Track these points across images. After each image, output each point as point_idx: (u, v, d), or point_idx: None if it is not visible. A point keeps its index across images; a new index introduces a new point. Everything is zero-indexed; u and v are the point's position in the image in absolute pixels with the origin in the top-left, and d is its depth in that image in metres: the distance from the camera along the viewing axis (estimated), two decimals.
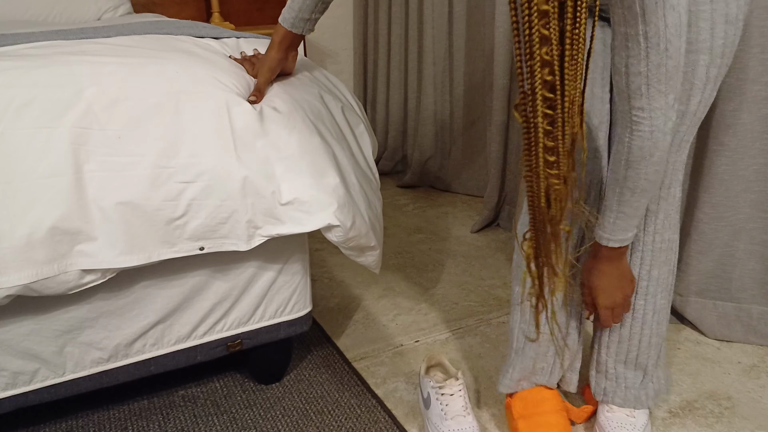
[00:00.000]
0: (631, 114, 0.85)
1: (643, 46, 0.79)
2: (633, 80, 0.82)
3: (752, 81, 1.31)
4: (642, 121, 0.84)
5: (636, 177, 0.90)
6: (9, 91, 0.92)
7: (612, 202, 0.94)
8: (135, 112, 0.98)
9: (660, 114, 0.84)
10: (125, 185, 0.96)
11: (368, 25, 2.77)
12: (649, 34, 0.78)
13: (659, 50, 0.79)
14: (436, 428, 1.13)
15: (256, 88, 1.10)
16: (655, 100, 0.82)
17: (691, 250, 1.46)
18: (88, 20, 1.97)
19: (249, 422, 1.21)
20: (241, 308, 1.19)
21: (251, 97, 1.08)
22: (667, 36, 0.78)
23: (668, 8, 0.76)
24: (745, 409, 1.23)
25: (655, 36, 0.78)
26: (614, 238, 0.97)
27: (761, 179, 1.38)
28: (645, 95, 0.82)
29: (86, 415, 1.25)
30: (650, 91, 0.82)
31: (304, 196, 1.06)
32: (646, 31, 0.78)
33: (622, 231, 0.96)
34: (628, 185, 0.91)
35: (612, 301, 1.03)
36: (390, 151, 2.75)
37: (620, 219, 0.95)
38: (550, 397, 1.16)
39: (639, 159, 0.88)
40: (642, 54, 0.80)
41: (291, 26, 1.13)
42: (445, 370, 1.27)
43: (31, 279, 0.92)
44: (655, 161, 0.88)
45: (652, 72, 0.80)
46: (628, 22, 0.79)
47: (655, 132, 0.85)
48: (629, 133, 0.87)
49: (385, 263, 1.91)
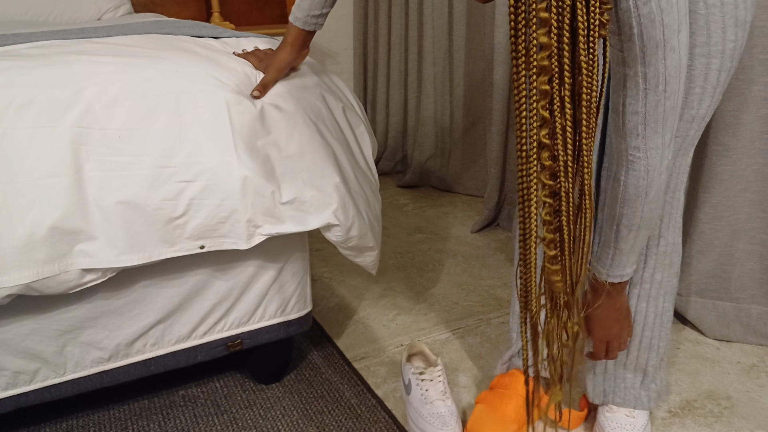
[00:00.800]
0: (627, 153, 0.84)
1: (642, 87, 0.78)
2: (630, 119, 0.81)
3: (752, 81, 1.31)
4: (637, 161, 0.83)
5: (632, 215, 0.88)
6: (9, 90, 0.92)
7: (609, 238, 0.92)
8: (135, 111, 0.98)
9: (656, 153, 0.83)
10: (125, 185, 0.97)
11: (368, 25, 2.77)
12: (648, 76, 0.77)
13: (658, 91, 0.78)
14: (417, 412, 1.16)
15: (262, 84, 1.10)
16: (651, 140, 0.81)
17: (690, 250, 1.46)
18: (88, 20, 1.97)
19: (249, 422, 1.21)
20: (241, 308, 1.19)
21: (254, 91, 1.08)
22: (666, 77, 0.77)
23: (668, 50, 0.75)
24: (744, 408, 1.23)
25: (654, 78, 0.77)
26: (613, 274, 0.95)
27: (761, 179, 1.38)
28: (642, 135, 0.81)
29: (87, 414, 1.25)
30: (647, 131, 0.81)
31: (304, 196, 1.06)
32: (645, 72, 0.77)
33: (621, 267, 0.94)
34: (624, 223, 0.89)
35: (607, 334, 1.01)
36: (390, 151, 2.76)
37: (618, 255, 0.93)
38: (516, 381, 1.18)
39: (635, 197, 0.86)
40: (640, 94, 0.78)
41: (303, 24, 1.13)
42: (426, 358, 1.30)
43: (31, 278, 0.92)
44: (651, 199, 0.87)
45: (650, 112, 0.79)
46: (627, 63, 0.77)
47: (651, 171, 0.84)
48: (624, 172, 0.85)
49: (385, 263, 1.91)
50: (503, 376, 1.20)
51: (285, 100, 1.12)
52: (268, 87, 1.11)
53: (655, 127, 0.81)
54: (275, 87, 1.14)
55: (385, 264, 1.90)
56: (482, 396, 1.18)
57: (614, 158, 0.87)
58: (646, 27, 0.73)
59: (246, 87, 1.10)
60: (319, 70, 1.31)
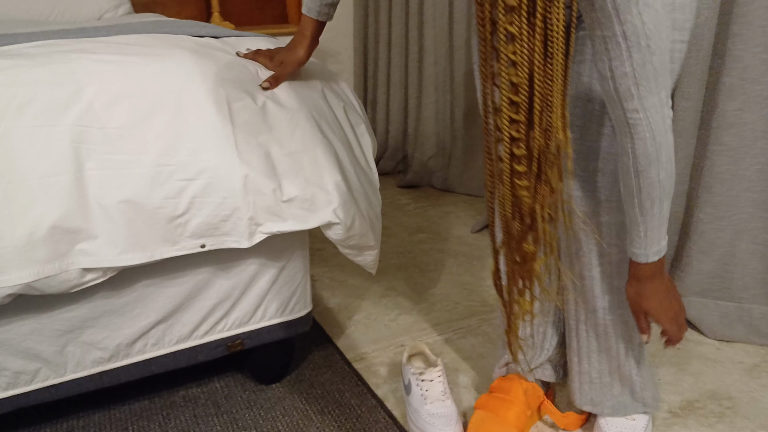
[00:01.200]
0: (627, 118, 0.81)
1: (624, 46, 0.75)
2: (621, 83, 0.78)
3: (754, 81, 1.31)
4: (639, 123, 0.81)
5: (650, 185, 0.85)
6: (9, 89, 0.92)
7: (635, 216, 0.89)
8: (135, 109, 0.98)
9: (655, 113, 0.80)
10: (126, 183, 0.96)
11: (368, 25, 2.77)
12: (627, 33, 0.74)
13: (641, 48, 0.75)
14: (417, 413, 1.16)
15: (274, 76, 1.11)
16: (646, 99, 0.79)
17: (692, 250, 1.46)
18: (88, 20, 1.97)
19: (249, 422, 1.21)
20: (241, 308, 1.19)
21: (265, 83, 1.10)
22: (647, 33, 0.74)
23: (642, 5, 0.73)
24: (746, 408, 1.23)
25: (633, 34, 0.74)
26: (650, 252, 0.91)
27: (763, 179, 1.38)
28: (636, 96, 0.79)
29: (87, 415, 1.24)
30: (640, 90, 0.78)
31: (306, 194, 1.06)
32: (623, 30, 0.74)
33: (656, 243, 0.90)
34: (643, 196, 0.86)
35: (673, 315, 0.97)
36: (391, 150, 2.75)
37: (650, 232, 0.89)
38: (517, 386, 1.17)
39: (647, 165, 0.83)
40: (624, 55, 0.76)
41: (317, 15, 1.14)
42: (426, 359, 1.29)
43: (32, 278, 0.92)
44: (664, 162, 0.83)
45: (639, 71, 0.77)
46: (602, 24, 0.75)
47: (656, 133, 0.81)
48: (630, 140, 0.82)
49: (386, 263, 1.91)
50: (503, 380, 1.20)
51: (287, 97, 1.12)
52: (281, 80, 1.12)
53: (648, 86, 0.78)
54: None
55: (386, 264, 1.90)
56: (482, 400, 1.18)
57: (617, 130, 0.85)
58: None
59: (247, 84, 1.09)
60: (321, 68, 1.31)
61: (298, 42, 1.15)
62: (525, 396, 1.16)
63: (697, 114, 1.41)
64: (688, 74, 1.37)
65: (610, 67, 0.78)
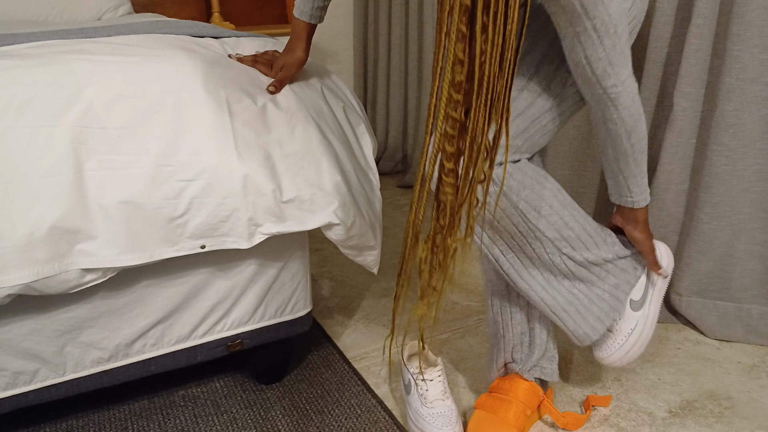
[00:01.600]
0: (607, 93, 0.92)
1: (595, 37, 0.85)
2: (597, 66, 0.89)
3: (752, 81, 1.31)
4: (620, 94, 0.92)
5: (639, 140, 0.98)
6: (9, 89, 0.92)
7: (632, 169, 1.02)
8: (135, 110, 0.98)
9: (630, 81, 0.92)
10: (126, 184, 0.96)
11: (368, 25, 2.77)
12: (597, 26, 0.84)
13: (610, 34, 0.85)
14: (417, 413, 1.16)
15: (278, 80, 1.13)
16: (621, 72, 0.90)
17: (691, 250, 1.46)
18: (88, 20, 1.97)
19: (249, 422, 1.21)
20: (241, 308, 1.19)
21: (270, 87, 1.11)
22: (614, 21, 0.84)
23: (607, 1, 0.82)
24: (745, 409, 1.23)
25: (603, 26, 0.84)
26: (646, 194, 1.06)
27: (762, 179, 1.38)
28: (613, 74, 0.90)
29: (86, 415, 1.25)
30: (615, 68, 0.89)
31: (305, 194, 1.06)
32: (594, 24, 0.84)
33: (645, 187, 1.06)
34: (636, 150, 0.99)
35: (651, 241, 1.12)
36: (390, 151, 2.75)
37: (642, 178, 1.04)
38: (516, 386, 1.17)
39: (634, 124, 0.96)
40: (596, 43, 0.86)
41: (310, 18, 1.17)
42: (426, 358, 1.29)
43: (31, 278, 0.92)
44: (643, 119, 0.98)
45: (610, 53, 0.87)
46: (573, 22, 0.84)
47: (634, 95, 0.93)
48: (615, 109, 0.94)
49: (386, 263, 1.91)
50: (502, 380, 1.20)
51: (286, 98, 1.12)
52: (284, 83, 1.14)
53: (620, 61, 0.89)
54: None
55: (385, 264, 1.90)
56: (482, 400, 1.18)
57: (596, 107, 0.96)
58: None
59: (247, 84, 1.10)
60: (320, 69, 1.31)
61: (295, 44, 1.18)
62: (524, 395, 1.16)
63: (697, 114, 1.42)
64: (687, 74, 1.37)
65: (585, 56, 0.88)
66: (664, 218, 1.49)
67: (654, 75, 1.45)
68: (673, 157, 1.44)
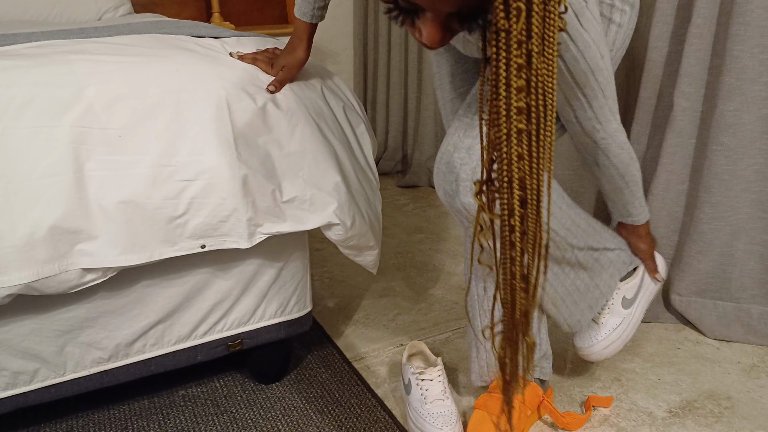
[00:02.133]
0: (598, 145, 1.01)
1: (584, 100, 0.93)
2: (586, 124, 0.97)
3: (752, 81, 1.31)
4: (610, 145, 1.00)
5: (632, 176, 1.08)
6: (9, 90, 0.92)
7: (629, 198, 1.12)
8: (135, 110, 0.98)
9: (618, 131, 1.00)
10: (126, 184, 0.96)
11: (368, 25, 2.77)
12: (587, 92, 0.92)
13: (599, 98, 0.93)
14: (417, 412, 1.16)
15: (278, 80, 1.13)
16: (609, 126, 0.98)
17: (690, 250, 1.46)
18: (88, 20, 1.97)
19: (249, 422, 1.21)
20: (241, 308, 1.19)
21: (270, 86, 1.11)
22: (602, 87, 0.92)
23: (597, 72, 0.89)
24: (744, 409, 1.23)
25: (591, 92, 0.92)
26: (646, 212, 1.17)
27: (761, 179, 1.38)
28: (601, 129, 0.98)
29: (86, 414, 1.25)
30: (603, 124, 0.97)
31: (305, 195, 1.06)
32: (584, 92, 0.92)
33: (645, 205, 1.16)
34: (631, 184, 1.09)
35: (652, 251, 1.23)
36: (390, 151, 2.76)
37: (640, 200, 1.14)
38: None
39: (626, 166, 1.05)
40: (586, 106, 0.94)
41: (311, 18, 1.17)
42: (426, 358, 1.30)
43: (32, 278, 0.92)
44: (635, 158, 1.06)
45: (598, 112, 0.95)
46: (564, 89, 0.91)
47: (623, 143, 1.01)
48: (605, 157, 1.03)
49: (385, 263, 1.91)
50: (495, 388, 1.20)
51: (286, 98, 1.12)
52: (285, 83, 1.14)
53: (607, 116, 0.96)
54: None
55: (385, 264, 1.90)
56: (481, 401, 1.18)
57: (587, 152, 1.04)
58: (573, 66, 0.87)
59: (247, 85, 1.10)
60: (320, 69, 1.31)
61: (296, 44, 1.17)
62: (524, 395, 1.16)
63: (697, 114, 1.42)
64: (687, 74, 1.37)
65: (575, 116, 0.96)
66: (664, 218, 1.49)
67: (654, 75, 1.45)
68: (672, 157, 1.44)
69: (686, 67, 1.37)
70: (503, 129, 0.61)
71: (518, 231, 0.67)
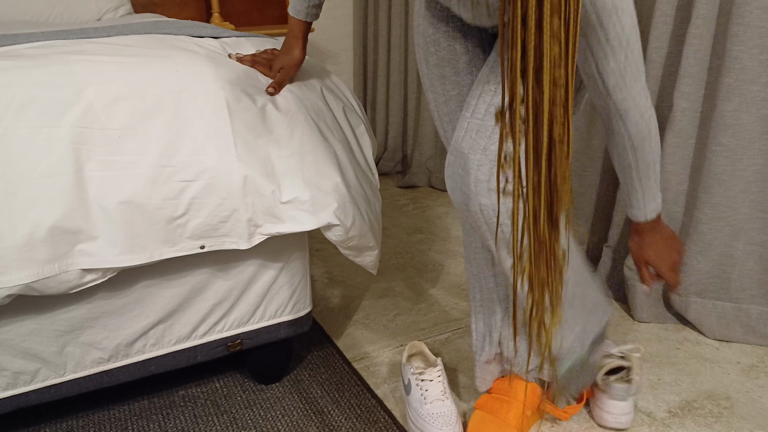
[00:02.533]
0: (617, 106, 0.91)
1: (608, 48, 0.85)
2: (608, 79, 0.88)
3: (751, 81, 1.31)
4: (629, 109, 0.91)
5: (644, 156, 0.96)
6: (9, 90, 0.92)
7: (634, 184, 1.00)
8: (135, 110, 0.98)
9: (642, 96, 0.90)
10: (126, 184, 0.97)
11: (368, 26, 2.77)
12: (610, 37, 0.83)
13: (622, 47, 0.85)
14: (417, 413, 1.16)
15: (277, 82, 1.13)
16: (632, 87, 0.89)
17: (690, 250, 1.46)
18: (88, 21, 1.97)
19: (249, 422, 1.21)
20: (241, 308, 1.19)
21: (269, 88, 1.11)
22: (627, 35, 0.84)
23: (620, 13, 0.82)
24: (744, 409, 1.23)
25: (615, 38, 0.84)
26: (648, 211, 1.03)
27: (760, 180, 1.38)
28: (623, 87, 0.88)
29: (87, 415, 1.25)
30: (626, 81, 0.88)
31: (305, 195, 1.06)
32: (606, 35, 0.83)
33: (652, 201, 1.02)
34: (641, 166, 0.97)
35: (671, 264, 1.07)
36: (390, 151, 2.76)
37: (647, 193, 1.01)
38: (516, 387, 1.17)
39: (641, 140, 0.94)
40: (608, 55, 0.85)
41: (306, 16, 1.18)
42: (426, 358, 1.30)
43: (32, 278, 0.92)
44: (654, 135, 0.95)
45: (622, 67, 0.86)
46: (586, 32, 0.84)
47: (644, 112, 0.92)
48: (623, 123, 0.93)
49: (385, 263, 1.91)
50: (502, 381, 1.20)
51: (286, 99, 1.12)
52: (284, 84, 1.14)
53: (633, 75, 0.88)
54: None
55: (385, 264, 1.90)
56: (482, 401, 1.18)
57: (605, 116, 0.94)
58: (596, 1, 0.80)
59: (247, 85, 1.10)
60: (320, 69, 1.31)
61: (292, 45, 1.18)
62: (525, 396, 1.16)
63: (696, 114, 1.42)
64: (686, 75, 1.38)
65: (597, 68, 0.88)
66: (664, 218, 1.49)
67: (654, 75, 1.46)
68: (672, 157, 1.44)
69: (686, 67, 1.37)
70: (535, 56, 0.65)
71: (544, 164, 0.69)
